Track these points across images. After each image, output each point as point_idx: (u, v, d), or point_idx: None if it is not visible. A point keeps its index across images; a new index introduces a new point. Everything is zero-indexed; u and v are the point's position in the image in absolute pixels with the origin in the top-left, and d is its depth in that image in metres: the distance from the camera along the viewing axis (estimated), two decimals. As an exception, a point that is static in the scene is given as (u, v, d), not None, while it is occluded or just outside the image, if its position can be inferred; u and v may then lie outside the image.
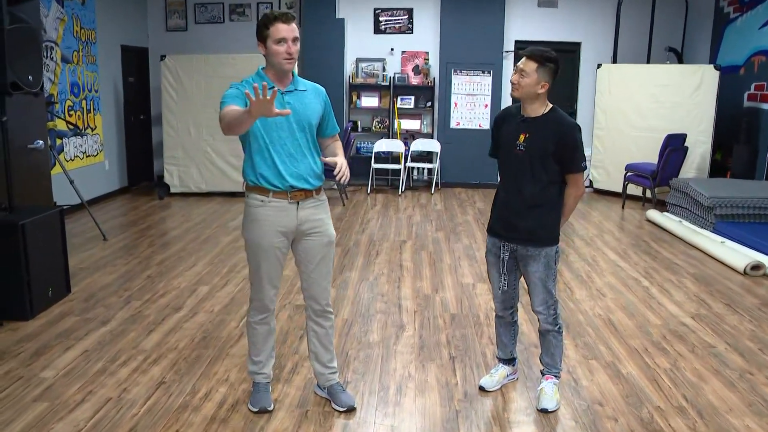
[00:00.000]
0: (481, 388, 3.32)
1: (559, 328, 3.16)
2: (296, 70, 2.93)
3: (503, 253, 3.12)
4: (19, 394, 3.21)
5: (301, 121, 2.86)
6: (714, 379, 3.49)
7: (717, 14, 9.05)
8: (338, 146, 3.10)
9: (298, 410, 3.11)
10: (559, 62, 2.94)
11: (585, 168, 3.00)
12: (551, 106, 2.99)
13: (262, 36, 2.76)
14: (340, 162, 2.89)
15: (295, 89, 2.88)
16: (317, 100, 2.95)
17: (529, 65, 2.90)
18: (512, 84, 2.97)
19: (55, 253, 4.56)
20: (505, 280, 3.16)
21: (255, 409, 3.07)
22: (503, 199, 3.11)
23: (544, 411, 3.11)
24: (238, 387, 3.33)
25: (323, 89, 3.03)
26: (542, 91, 2.92)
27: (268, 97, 2.40)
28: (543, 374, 3.25)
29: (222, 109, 2.72)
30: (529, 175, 2.98)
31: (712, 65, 8.13)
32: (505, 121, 3.13)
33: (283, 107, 2.74)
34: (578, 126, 2.98)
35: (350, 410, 3.09)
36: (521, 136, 2.98)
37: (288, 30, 2.74)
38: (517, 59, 3.11)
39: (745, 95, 8.19)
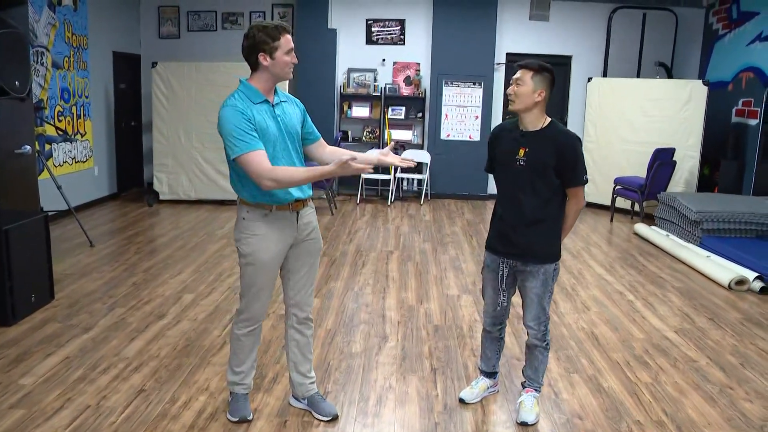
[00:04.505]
0: (462, 401, 3.32)
1: (547, 344, 3.16)
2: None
3: (502, 270, 3.10)
4: (-4, 401, 3.19)
5: (290, 132, 2.88)
6: (694, 394, 3.50)
7: (706, 30, 9.15)
8: (332, 148, 3.11)
9: (277, 419, 3.10)
10: (554, 73, 2.95)
11: (586, 181, 3.01)
12: (550, 119, 2.99)
13: (268, 47, 2.74)
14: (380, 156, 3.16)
15: (281, 101, 2.90)
16: (297, 109, 2.98)
17: (524, 74, 2.92)
18: (509, 96, 2.98)
19: (39, 258, 4.53)
20: (504, 296, 3.15)
21: (234, 419, 3.05)
22: (502, 215, 3.09)
23: (523, 424, 3.11)
24: (218, 396, 3.31)
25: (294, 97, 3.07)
26: (539, 99, 2.90)
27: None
28: (524, 386, 3.25)
29: (246, 154, 2.64)
30: (529, 190, 2.96)
31: (701, 81, 8.20)
32: (501, 136, 3.12)
33: (276, 120, 2.81)
34: (579, 138, 3.00)
35: (333, 419, 3.09)
36: (521, 150, 2.96)
37: (292, 41, 2.82)
38: (510, 72, 3.17)
39: (733, 111, 8.27)
